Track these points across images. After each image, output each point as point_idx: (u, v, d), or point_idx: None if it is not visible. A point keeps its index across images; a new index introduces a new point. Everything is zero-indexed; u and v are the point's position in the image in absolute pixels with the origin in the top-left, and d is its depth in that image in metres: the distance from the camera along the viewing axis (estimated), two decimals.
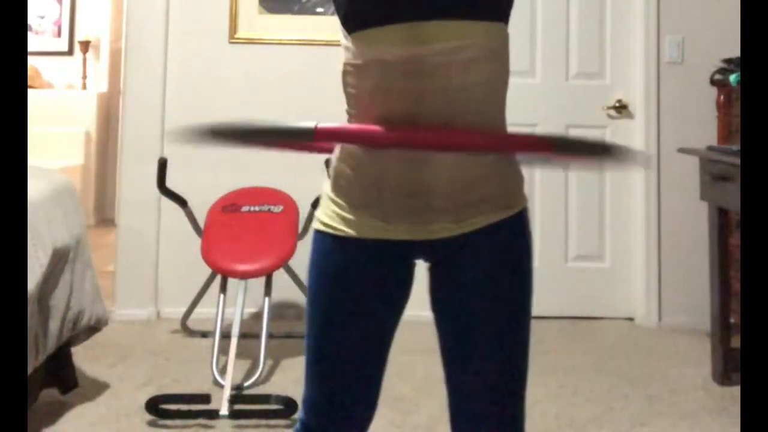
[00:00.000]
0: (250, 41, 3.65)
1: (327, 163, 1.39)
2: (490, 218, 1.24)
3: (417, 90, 1.17)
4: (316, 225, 1.32)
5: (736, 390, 2.75)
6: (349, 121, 1.28)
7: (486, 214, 1.23)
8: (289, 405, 2.39)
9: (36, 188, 2.25)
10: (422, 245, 1.26)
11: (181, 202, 3.06)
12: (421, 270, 1.33)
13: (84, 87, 6.16)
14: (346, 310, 1.27)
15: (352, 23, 1.21)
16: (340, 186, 1.29)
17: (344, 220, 1.27)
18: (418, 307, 1.41)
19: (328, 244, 1.29)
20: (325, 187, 1.33)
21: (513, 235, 1.26)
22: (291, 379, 2.75)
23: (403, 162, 1.21)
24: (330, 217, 1.29)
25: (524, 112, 3.53)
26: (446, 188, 1.22)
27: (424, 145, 1.17)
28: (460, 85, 1.17)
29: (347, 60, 1.24)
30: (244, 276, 2.79)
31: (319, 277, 1.29)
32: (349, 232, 1.26)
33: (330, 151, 1.32)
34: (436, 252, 1.27)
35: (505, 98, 1.27)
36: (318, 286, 1.29)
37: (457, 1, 1.16)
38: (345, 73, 1.25)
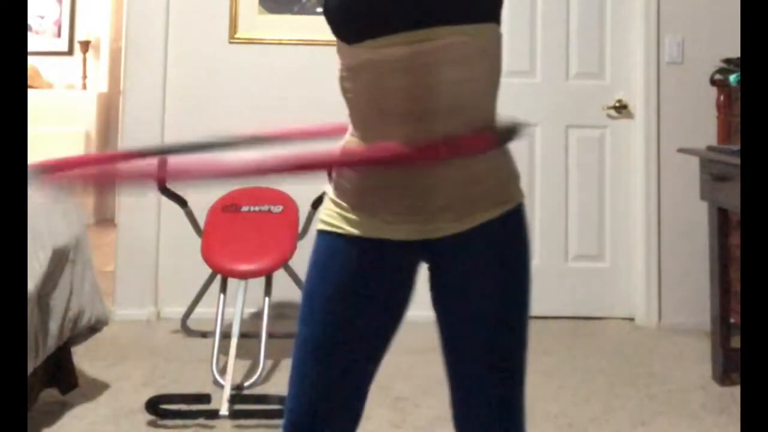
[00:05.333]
0: (250, 41, 3.65)
1: None
2: (489, 214, 1.26)
3: (409, 86, 1.18)
4: (319, 226, 1.32)
5: (736, 390, 2.75)
6: (352, 125, 1.29)
7: (485, 210, 1.26)
8: None
9: (36, 188, 2.25)
10: (424, 245, 1.27)
11: (181, 202, 3.06)
12: (421, 270, 1.33)
13: (84, 87, 6.15)
14: (349, 307, 1.27)
15: (345, 37, 1.23)
16: (342, 188, 1.30)
17: (347, 220, 1.28)
18: (418, 307, 1.41)
19: (331, 243, 1.29)
20: (328, 190, 1.34)
21: (512, 230, 1.29)
22: None
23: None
24: (333, 217, 1.30)
25: (524, 112, 3.52)
26: (446, 186, 1.23)
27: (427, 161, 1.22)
28: (451, 81, 1.19)
29: (342, 65, 1.26)
30: (244, 276, 2.79)
31: (322, 276, 1.28)
32: (353, 231, 1.27)
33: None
34: (438, 252, 1.28)
35: (497, 96, 1.28)
36: (319, 286, 1.28)
37: (449, 8, 1.18)
38: (341, 78, 1.27)
